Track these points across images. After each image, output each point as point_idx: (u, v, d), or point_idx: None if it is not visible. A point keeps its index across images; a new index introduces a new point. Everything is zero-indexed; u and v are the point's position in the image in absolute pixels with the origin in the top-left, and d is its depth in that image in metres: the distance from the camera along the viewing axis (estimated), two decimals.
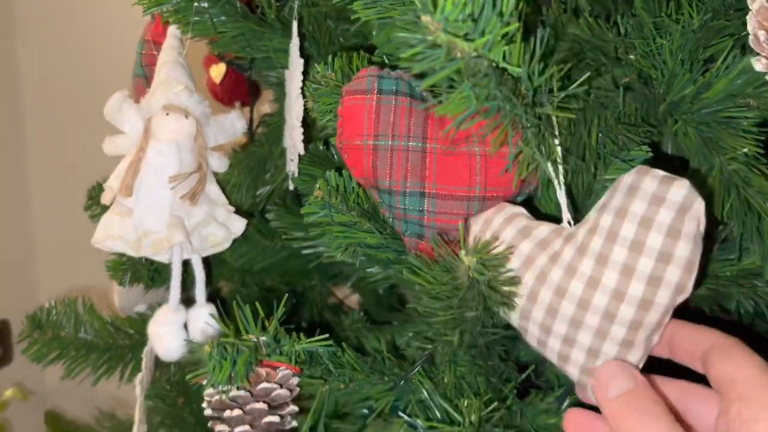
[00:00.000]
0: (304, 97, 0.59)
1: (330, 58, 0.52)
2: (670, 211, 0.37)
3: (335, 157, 0.65)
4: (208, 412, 0.46)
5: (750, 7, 0.41)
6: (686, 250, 0.37)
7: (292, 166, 0.63)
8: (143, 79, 0.69)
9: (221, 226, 0.63)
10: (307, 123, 0.63)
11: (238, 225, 0.65)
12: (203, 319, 0.64)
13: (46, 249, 1.92)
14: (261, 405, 0.45)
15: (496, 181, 0.48)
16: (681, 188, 0.38)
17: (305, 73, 0.60)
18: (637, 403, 0.37)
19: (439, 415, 0.52)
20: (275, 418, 0.45)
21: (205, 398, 0.46)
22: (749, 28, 0.41)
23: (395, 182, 0.49)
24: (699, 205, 0.38)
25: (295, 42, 0.62)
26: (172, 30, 0.65)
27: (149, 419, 0.80)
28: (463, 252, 0.39)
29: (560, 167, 0.43)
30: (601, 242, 0.39)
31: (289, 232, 0.73)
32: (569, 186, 0.46)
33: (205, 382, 0.46)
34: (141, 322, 0.84)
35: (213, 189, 0.65)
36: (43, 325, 0.77)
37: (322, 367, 0.50)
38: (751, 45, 0.41)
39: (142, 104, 0.62)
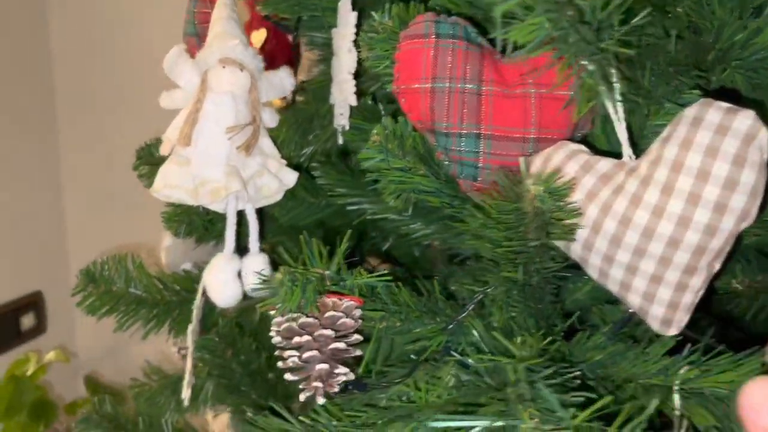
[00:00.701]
0: (357, 49, 0.61)
1: (387, 5, 0.53)
2: (735, 140, 0.39)
3: (383, 111, 0.67)
4: (276, 339, 0.48)
5: None
6: (751, 178, 0.39)
7: (343, 120, 0.65)
8: (195, 37, 0.71)
9: (274, 178, 0.65)
10: (357, 77, 0.65)
11: (290, 177, 0.67)
12: (256, 267, 0.66)
13: (77, 222, 1.96)
14: (328, 332, 0.47)
15: (551, 123, 0.50)
16: (746, 118, 0.39)
17: (358, 26, 0.62)
18: None
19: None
20: (341, 345, 0.47)
21: (274, 327, 0.49)
22: None
23: (452, 124, 0.50)
24: (764, 135, 0.39)
25: None
26: None
27: (196, 371, 0.83)
28: (530, 181, 0.40)
29: (619, 104, 0.44)
30: (666, 172, 0.41)
31: (334, 189, 0.75)
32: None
33: (273, 311, 0.48)
34: (187, 279, 0.87)
35: (266, 142, 0.67)
36: (96, 279, 0.80)
37: (381, 303, 0.52)
38: None
39: (198, 58, 0.64)
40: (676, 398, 0.48)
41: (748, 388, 0.35)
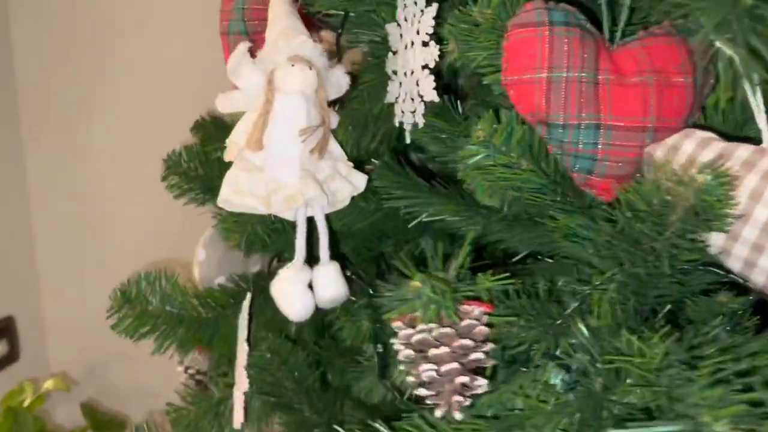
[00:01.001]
0: (438, 42, 0.58)
1: None
2: None
3: (453, 106, 0.65)
4: (406, 353, 0.45)
5: None
6: None
7: (414, 118, 0.62)
8: (244, 35, 0.67)
9: (345, 181, 0.62)
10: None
11: (361, 180, 0.63)
12: (329, 277, 0.63)
13: (46, 244, 1.86)
14: (467, 342, 0.44)
15: (669, 111, 0.48)
16: None
17: (437, 18, 0.59)
18: None
19: (597, 357, 0.52)
20: (480, 355, 0.44)
21: (400, 340, 0.45)
22: None
23: (570, 115, 0.48)
24: None
25: None
26: None
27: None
28: (693, 170, 0.38)
29: (758, 89, 0.43)
30: None
31: (391, 191, 0.72)
32: None
33: (398, 323, 0.45)
34: (223, 294, 0.82)
35: (333, 144, 0.63)
36: (132, 299, 0.75)
37: (502, 308, 0.49)
38: None
39: (260, 58, 0.60)
40: None
41: None
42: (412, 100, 0.63)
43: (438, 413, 0.45)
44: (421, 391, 0.45)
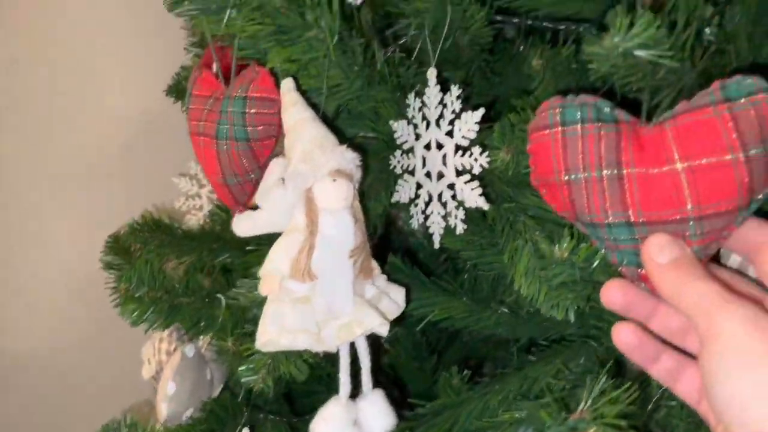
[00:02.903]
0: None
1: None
2: None
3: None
4: None
5: None
6: None
7: (450, 223, 0.58)
8: (245, 142, 0.58)
9: (391, 301, 0.56)
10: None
11: (401, 296, 0.58)
12: (376, 409, 0.56)
13: None
14: None
15: (712, 195, 0.43)
16: None
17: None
18: (686, 267, 0.41)
19: None
20: None
21: None
22: None
23: (595, 215, 0.46)
24: None
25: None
26: (288, 82, 0.57)
27: None
28: None
29: None
30: None
31: None
32: None
33: None
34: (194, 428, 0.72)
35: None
36: None
37: None
38: None
39: (290, 174, 0.53)
40: None
41: (647, 240, 0.44)
42: (443, 204, 0.59)
43: None
44: None
